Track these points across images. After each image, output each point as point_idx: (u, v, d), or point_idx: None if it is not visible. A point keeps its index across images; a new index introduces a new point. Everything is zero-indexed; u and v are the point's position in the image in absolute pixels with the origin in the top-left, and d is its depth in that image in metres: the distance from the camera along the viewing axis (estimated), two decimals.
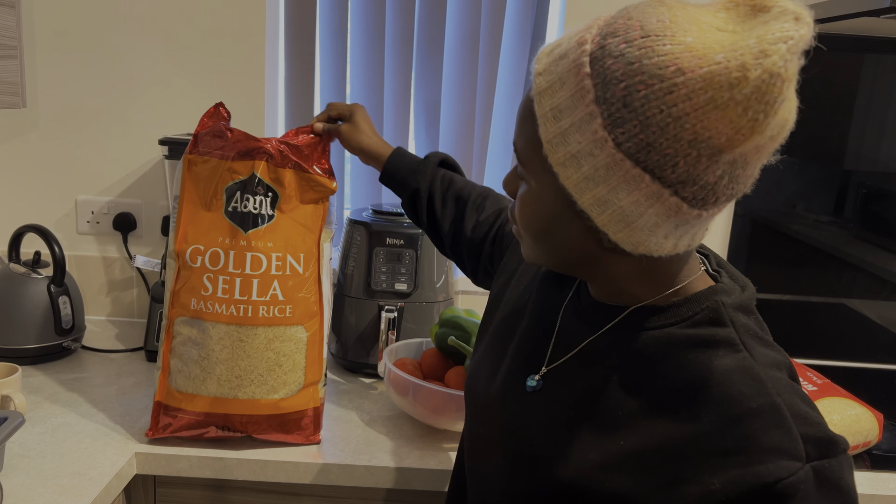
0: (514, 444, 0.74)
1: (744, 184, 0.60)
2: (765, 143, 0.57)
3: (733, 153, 0.56)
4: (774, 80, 0.52)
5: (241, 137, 1.10)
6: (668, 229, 0.60)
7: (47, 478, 1.03)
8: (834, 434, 0.61)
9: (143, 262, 1.52)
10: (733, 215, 1.68)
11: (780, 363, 0.65)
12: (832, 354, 1.74)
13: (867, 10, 1.19)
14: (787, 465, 0.57)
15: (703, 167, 0.56)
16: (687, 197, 0.58)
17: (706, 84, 0.53)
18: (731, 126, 0.54)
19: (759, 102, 0.53)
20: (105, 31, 1.59)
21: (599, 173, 0.58)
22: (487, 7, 1.65)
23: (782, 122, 0.56)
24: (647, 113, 0.55)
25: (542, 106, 0.60)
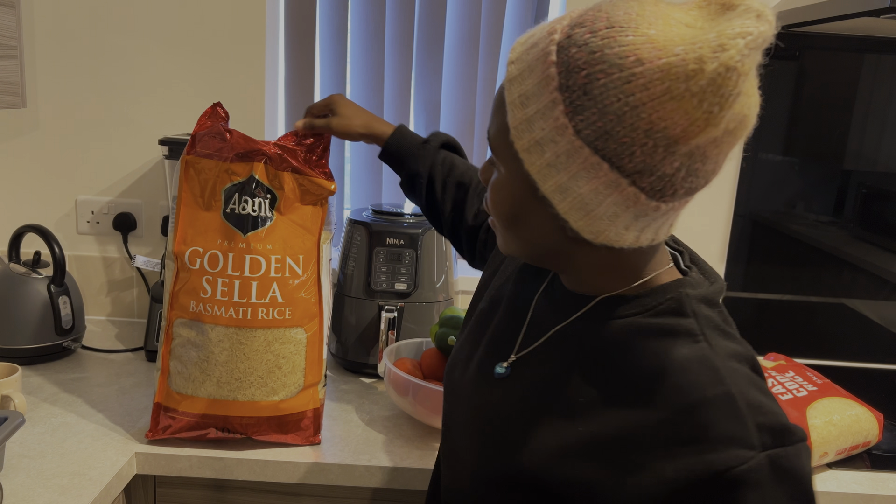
0: (482, 430, 0.75)
1: (703, 178, 0.61)
2: (721, 136, 0.57)
3: (689, 145, 0.56)
4: (730, 74, 0.53)
5: (239, 139, 1.09)
6: (627, 220, 0.61)
7: (47, 478, 1.03)
8: (790, 423, 0.62)
9: (143, 262, 1.52)
10: (733, 215, 1.68)
11: (741, 355, 0.66)
12: (832, 354, 1.74)
13: (867, 10, 1.19)
14: (738, 454, 0.58)
15: (660, 158, 0.57)
16: (644, 187, 0.58)
17: (663, 75, 0.54)
18: (686, 117, 0.55)
19: (714, 95, 0.53)
20: (105, 31, 1.59)
21: (561, 160, 0.59)
22: (487, 7, 1.65)
23: (740, 117, 0.57)
24: (605, 101, 0.56)
25: (511, 93, 0.62)
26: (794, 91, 1.65)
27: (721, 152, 0.60)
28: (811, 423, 1.14)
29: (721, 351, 0.64)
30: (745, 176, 1.67)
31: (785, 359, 1.38)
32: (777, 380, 1.25)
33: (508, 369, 0.75)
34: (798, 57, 1.64)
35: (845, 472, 1.19)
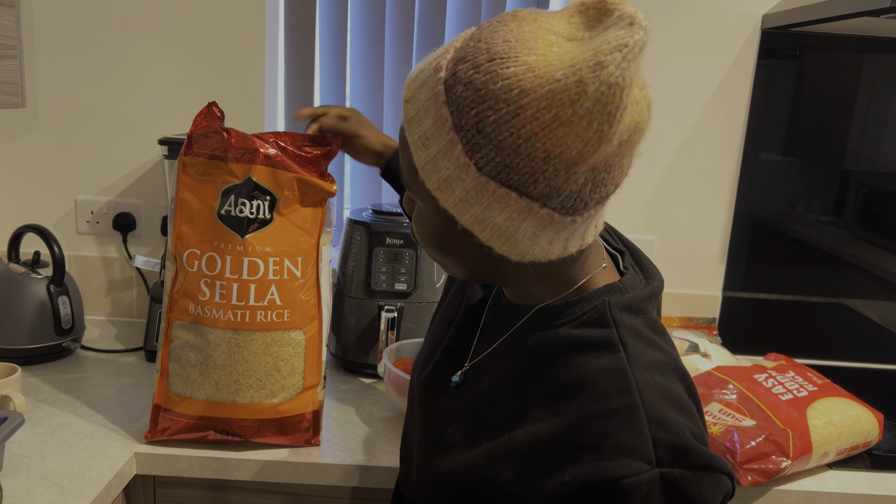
0: (433, 432, 0.77)
1: (613, 184, 0.62)
2: (618, 148, 0.58)
3: (587, 164, 0.57)
4: (613, 91, 0.54)
5: (238, 138, 1.08)
6: (549, 237, 0.62)
7: (47, 478, 1.03)
8: (695, 446, 0.60)
9: (142, 262, 1.52)
10: (733, 215, 1.68)
11: (663, 365, 0.66)
12: (832, 354, 1.74)
13: (867, 10, 1.19)
14: (632, 465, 0.58)
15: (563, 180, 0.58)
16: (556, 207, 0.60)
17: (549, 103, 0.55)
18: (579, 140, 0.55)
19: (601, 114, 0.54)
20: (105, 31, 1.59)
21: (471, 195, 0.60)
22: (487, 7, 1.65)
23: (632, 126, 0.57)
24: (499, 137, 0.57)
25: (412, 134, 0.63)
26: (794, 91, 1.65)
27: (623, 159, 0.60)
28: (811, 423, 1.14)
29: (638, 361, 0.64)
30: (745, 176, 1.67)
31: (785, 359, 1.38)
32: (777, 380, 1.25)
33: (461, 378, 0.78)
34: (798, 57, 1.64)
35: (845, 472, 1.19)
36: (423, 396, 0.83)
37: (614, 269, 0.74)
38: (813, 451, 1.12)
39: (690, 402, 0.65)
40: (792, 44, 1.63)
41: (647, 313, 0.70)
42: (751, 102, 1.63)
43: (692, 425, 0.62)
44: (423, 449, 0.78)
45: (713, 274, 1.72)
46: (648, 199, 1.67)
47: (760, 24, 1.59)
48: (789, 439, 1.10)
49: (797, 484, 1.15)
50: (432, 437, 0.77)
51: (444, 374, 0.81)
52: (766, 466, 1.09)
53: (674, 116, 1.63)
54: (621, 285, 0.71)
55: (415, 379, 0.88)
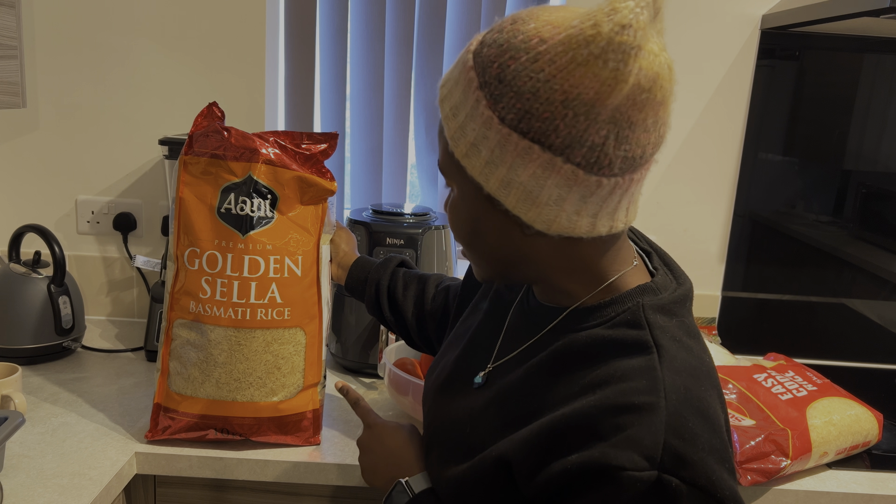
0: (450, 435, 0.78)
1: (637, 146, 0.62)
2: (637, 95, 0.58)
3: (607, 108, 0.58)
4: (626, 31, 0.56)
5: (238, 137, 1.08)
6: (575, 202, 0.62)
7: (47, 478, 1.03)
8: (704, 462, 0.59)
9: (143, 262, 1.52)
10: (733, 215, 1.68)
11: (696, 371, 0.65)
12: (832, 354, 1.74)
13: (867, 10, 1.19)
14: (635, 459, 0.58)
15: (584, 127, 0.59)
16: (580, 162, 0.60)
17: (566, 46, 0.58)
18: (595, 79, 0.57)
19: (616, 52, 0.56)
20: (105, 31, 1.59)
21: (496, 154, 0.62)
22: (487, 7, 1.65)
23: (650, 77, 0.58)
24: (518, 83, 0.60)
25: (444, 109, 0.66)
26: (794, 91, 1.65)
27: (646, 116, 0.61)
28: (811, 423, 1.14)
29: (670, 364, 0.64)
30: (745, 176, 1.67)
31: (785, 359, 1.38)
32: (777, 380, 1.25)
33: (484, 379, 0.78)
34: (798, 57, 1.64)
35: (845, 472, 1.19)
36: (440, 400, 0.82)
37: (644, 268, 0.74)
38: (812, 450, 1.13)
39: (720, 414, 0.64)
40: (791, 44, 1.63)
41: (681, 316, 0.70)
42: (750, 102, 1.63)
43: (714, 439, 0.62)
44: (443, 449, 0.78)
45: (713, 274, 1.72)
46: (648, 199, 1.67)
47: (760, 25, 1.59)
48: (789, 439, 1.10)
49: (797, 484, 1.15)
50: (454, 439, 0.76)
51: (464, 377, 0.80)
52: (765, 466, 1.09)
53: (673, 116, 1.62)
54: (654, 286, 0.70)
55: (431, 381, 0.87)
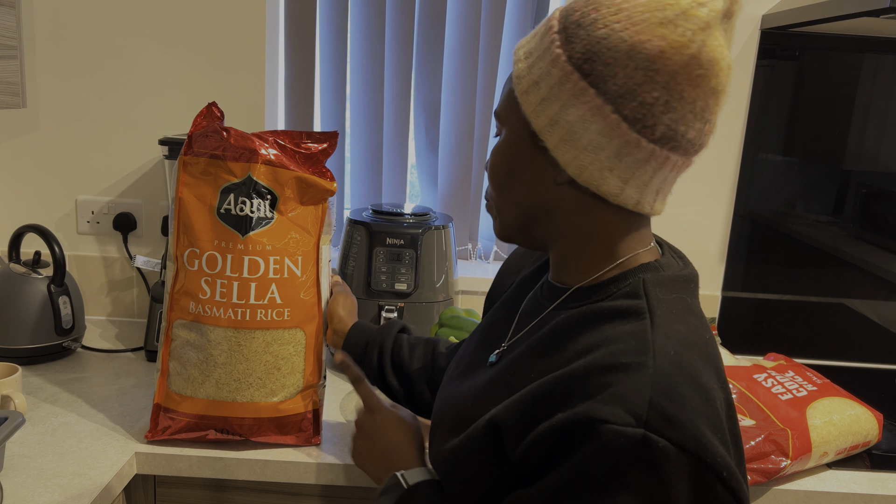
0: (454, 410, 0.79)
1: (681, 122, 0.64)
2: (695, 69, 0.62)
3: (665, 70, 0.62)
4: (701, 7, 0.62)
5: (238, 137, 1.08)
6: (610, 155, 0.65)
7: (47, 478, 1.03)
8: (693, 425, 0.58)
9: (143, 262, 1.52)
10: (733, 215, 1.68)
11: (689, 342, 0.65)
12: (832, 354, 1.74)
13: (867, 10, 1.19)
14: (620, 415, 0.58)
15: (640, 81, 0.62)
16: (627, 115, 0.63)
17: (646, 7, 0.62)
18: (662, 39, 0.61)
19: (687, 21, 0.61)
20: (105, 31, 1.59)
21: (553, 91, 0.65)
22: (487, 7, 1.65)
23: (711, 56, 0.62)
24: (594, 29, 0.64)
25: (517, 55, 0.70)
26: (794, 91, 1.65)
27: (697, 97, 0.63)
28: (811, 423, 1.14)
29: (663, 330, 0.64)
30: (745, 176, 1.67)
31: (785, 359, 1.38)
32: (777, 380, 1.25)
33: (497, 357, 0.80)
34: (798, 57, 1.64)
35: (845, 472, 1.19)
36: (453, 384, 0.84)
37: (658, 253, 0.75)
38: (812, 450, 1.13)
39: (714, 387, 0.63)
40: (791, 44, 1.63)
41: (683, 294, 0.70)
42: (750, 102, 1.63)
43: (705, 407, 0.61)
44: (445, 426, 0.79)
45: (713, 274, 1.72)
46: None
47: (760, 25, 1.59)
48: (789, 439, 1.10)
49: (797, 484, 1.15)
50: (456, 414, 0.78)
51: (480, 363, 0.82)
52: (765, 466, 1.09)
53: None
54: (658, 264, 0.71)
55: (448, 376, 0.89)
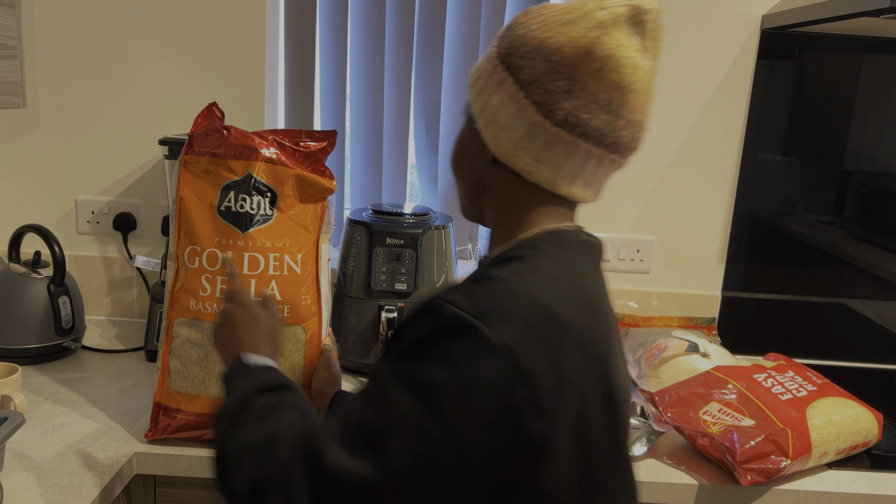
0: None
1: (585, 110, 0.73)
2: (591, 63, 0.72)
3: (565, 60, 0.72)
4: (601, 11, 0.72)
5: (237, 135, 1.09)
6: (522, 135, 0.75)
7: (47, 478, 1.03)
8: (523, 344, 0.65)
9: (143, 262, 1.52)
10: (733, 215, 1.68)
11: (558, 280, 0.72)
12: (832, 354, 1.74)
13: (867, 10, 1.19)
14: (462, 302, 0.66)
15: (544, 71, 0.73)
16: (535, 100, 0.73)
17: (558, 12, 0.74)
18: (563, 35, 0.72)
19: (586, 20, 0.72)
20: (105, 31, 1.59)
21: (485, 82, 0.77)
22: (487, 7, 1.65)
23: (607, 52, 0.71)
24: (517, 30, 0.76)
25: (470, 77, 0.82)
26: (794, 91, 1.65)
27: (600, 90, 0.72)
28: (811, 423, 1.14)
29: (539, 266, 0.72)
30: (745, 176, 1.67)
31: (785, 359, 1.38)
32: (776, 380, 1.25)
33: None
34: (798, 57, 1.64)
35: (845, 472, 1.19)
36: None
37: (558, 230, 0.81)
38: (812, 450, 1.13)
39: (568, 324, 0.68)
40: (791, 44, 1.63)
41: (575, 252, 0.76)
42: (750, 103, 1.63)
43: (541, 325, 0.67)
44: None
45: (713, 274, 1.72)
46: (648, 199, 1.67)
47: (760, 25, 1.59)
48: (789, 439, 1.10)
49: (797, 484, 1.15)
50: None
51: None
52: (765, 466, 1.09)
53: (673, 116, 1.63)
54: (561, 229, 0.78)
55: None
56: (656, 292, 1.71)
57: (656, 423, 1.19)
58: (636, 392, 1.42)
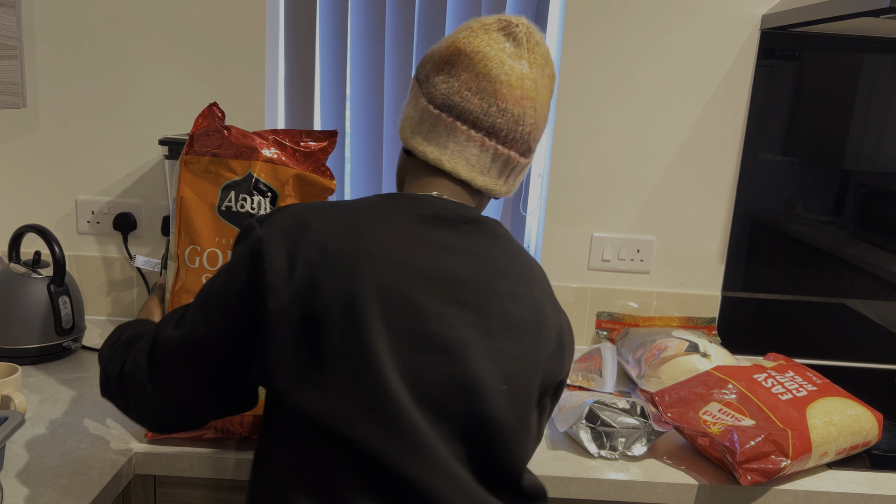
0: None
1: (454, 92, 0.88)
2: (457, 55, 0.89)
3: (442, 54, 0.90)
4: (476, 21, 0.91)
5: (238, 135, 1.09)
6: (416, 121, 0.91)
7: (47, 478, 1.03)
8: (265, 223, 0.83)
9: (143, 262, 1.52)
10: (733, 215, 1.68)
11: (340, 207, 0.85)
12: (832, 354, 1.74)
13: (867, 10, 1.19)
14: (259, 217, 0.84)
15: (432, 68, 0.91)
16: (424, 92, 0.91)
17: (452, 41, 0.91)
18: (446, 42, 0.91)
19: (463, 30, 0.91)
20: (105, 31, 1.59)
21: (410, 98, 0.94)
22: (487, 7, 1.65)
23: (473, 47, 0.88)
24: (428, 55, 0.94)
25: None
26: (794, 91, 1.65)
27: (470, 79, 0.88)
28: (811, 423, 1.14)
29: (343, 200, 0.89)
30: (745, 176, 1.67)
31: (785, 359, 1.38)
32: (776, 380, 1.25)
33: None
34: (798, 57, 1.64)
35: (845, 472, 1.19)
36: None
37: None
38: (812, 450, 1.13)
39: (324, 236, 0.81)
40: (791, 44, 1.63)
41: (395, 202, 0.86)
42: (750, 103, 1.63)
43: (293, 227, 0.81)
44: None
45: (713, 274, 1.72)
46: (648, 199, 1.67)
47: (760, 25, 1.59)
48: (789, 439, 1.10)
49: (796, 484, 1.15)
50: None
51: None
52: (765, 466, 1.09)
53: (673, 116, 1.63)
54: (417, 193, 0.91)
55: None
56: (656, 292, 1.71)
57: (656, 423, 1.19)
58: (636, 392, 1.42)
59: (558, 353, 0.88)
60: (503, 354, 0.81)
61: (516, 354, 0.82)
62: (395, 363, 0.76)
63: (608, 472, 1.14)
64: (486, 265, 0.84)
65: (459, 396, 0.78)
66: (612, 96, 1.62)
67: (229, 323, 0.81)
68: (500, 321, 0.82)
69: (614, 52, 1.60)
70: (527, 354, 0.83)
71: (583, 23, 1.59)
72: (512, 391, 0.81)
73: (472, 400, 0.78)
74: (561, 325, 0.91)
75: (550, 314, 0.89)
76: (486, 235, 0.88)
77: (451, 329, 0.79)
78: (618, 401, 1.19)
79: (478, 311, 0.81)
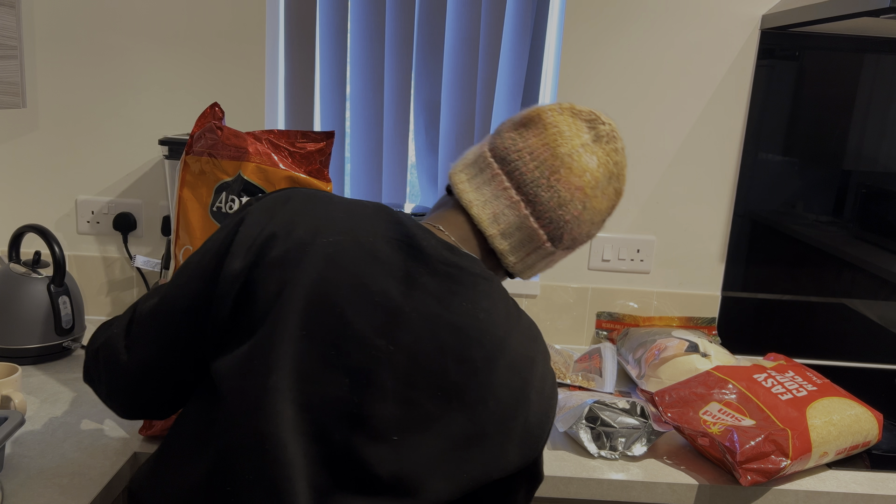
0: None
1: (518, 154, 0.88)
2: (540, 127, 0.90)
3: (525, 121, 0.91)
4: (565, 102, 0.93)
5: (230, 136, 1.08)
6: (470, 156, 0.95)
7: (47, 478, 1.03)
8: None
9: (143, 262, 1.52)
10: (733, 215, 1.68)
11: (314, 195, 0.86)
12: (832, 354, 1.74)
13: (867, 10, 1.19)
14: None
15: (508, 127, 0.93)
16: (492, 141, 0.94)
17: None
18: (533, 108, 0.93)
19: (554, 106, 0.93)
20: (105, 31, 1.59)
21: (477, 144, 0.97)
22: (487, 7, 1.65)
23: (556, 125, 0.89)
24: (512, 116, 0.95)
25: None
26: (794, 91, 1.65)
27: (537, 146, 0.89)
28: (811, 423, 1.14)
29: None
30: (745, 176, 1.67)
31: (785, 359, 1.38)
32: (776, 380, 1.25)
33: None
34: (798, 57, 1.64)
35: (845, 472, 1.19)
36: None
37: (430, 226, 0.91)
38: (812, 450, 1.13)
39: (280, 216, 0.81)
40: (791, 44, 1.63)
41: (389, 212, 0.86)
42: (750, 103, 1.63)
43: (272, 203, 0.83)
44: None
45: (713, 274, 1.72)
46: (648, 199, 1.67)
47: (760, 25, 1.59)
48: (789, 439, 1.10)
49: (797, 484, 1.15)
50: None
51: None
52: (765, 466, 1.09)
53: (673, 116, 1.63)
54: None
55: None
56: (656, 292, 1.71)
57: (656, 423, 1.19)
58: (636, 392, 1.42)
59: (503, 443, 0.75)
60: (413, 407, 0.73)
61: (429, 416, 0.73)
62: (292, 365, 0.73)
63: (608, 472, 1.14)
64: (441, 314, 0.76)
65: (342, 427, 0.72)
66: (612, 96, 1.62)
67: (200, 280, 0.80)
68: (429, 377, 0.73)
69: (614, 52, 1.60)
70: (444, 427, 0.73)
71: (583, 23, 1.59)
72: (402, 446, 0.72)
73: (354, 436, 0.72)
74: (526, 417, 0.76)
75: (505, 400, 0.75)
76: (461, 285, 0.78)
77: (366, 360, 0.73)
78: (618, 401, 1.19)
79: (409, 355, 0.74)
